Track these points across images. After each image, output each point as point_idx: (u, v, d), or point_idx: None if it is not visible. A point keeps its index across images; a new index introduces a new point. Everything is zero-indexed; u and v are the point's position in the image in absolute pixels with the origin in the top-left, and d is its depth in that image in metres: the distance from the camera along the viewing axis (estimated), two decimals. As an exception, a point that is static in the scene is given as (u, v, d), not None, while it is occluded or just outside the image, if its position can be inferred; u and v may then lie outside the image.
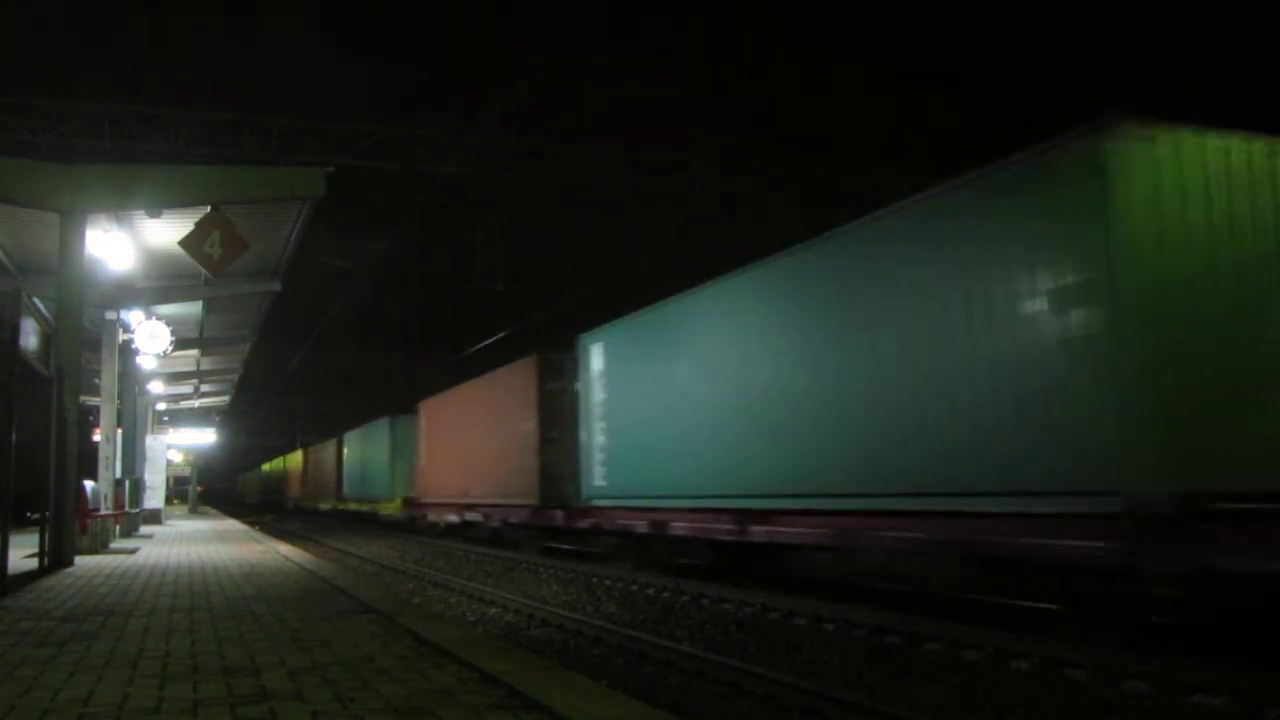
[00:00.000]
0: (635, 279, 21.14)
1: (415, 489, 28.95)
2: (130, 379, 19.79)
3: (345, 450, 42.22)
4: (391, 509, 31.95)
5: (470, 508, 22.72)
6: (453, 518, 24.46)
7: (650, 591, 12.89)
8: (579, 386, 16.53)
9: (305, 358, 40.81)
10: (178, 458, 46.72)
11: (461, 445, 23.75)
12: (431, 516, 26.75)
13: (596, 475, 15.74)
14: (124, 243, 13.19)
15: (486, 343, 30.24)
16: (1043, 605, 9.06)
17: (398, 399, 35.71)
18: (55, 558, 10.87)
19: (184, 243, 12.10)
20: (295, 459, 60.36)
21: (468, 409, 23.47)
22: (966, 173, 8.97)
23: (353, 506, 39.61)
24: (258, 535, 22.17)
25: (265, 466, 79.99)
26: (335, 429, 48.26)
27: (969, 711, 6.50)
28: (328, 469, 46.03)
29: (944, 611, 9.51)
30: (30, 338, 16.61)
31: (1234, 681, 6.23)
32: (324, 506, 47.20)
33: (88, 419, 17.79)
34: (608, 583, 14.05)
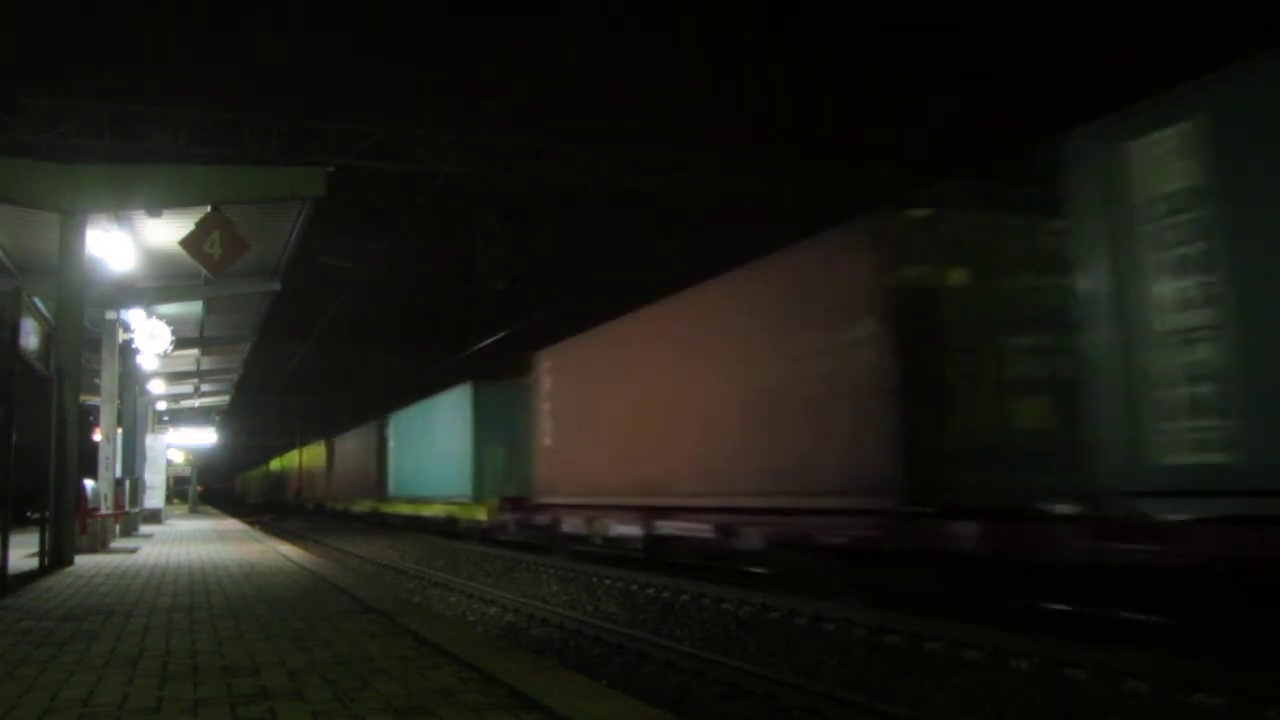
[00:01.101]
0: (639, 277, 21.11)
1: (531, 483, 18.64)
2: (130, 379, 19.79)
3: (392, 438, 33.17)
4: (478, 514, 22.88)
5: (668, 513, 13.50)
6: (625, 529, 14.77)
7: (650, 591, 12.89)
8: (1074, 250, 7.62)
9: (306, 356, 40.65)
10: (178, 457, 46.62)
11: (644, 408, 14.28)
12: (571, 526, 16.84)
13: (1185, 439, 6.53)
14: (124, 243, 13.19)
15: (486, 342, 30.24)
16: (1042, 606, 9.05)
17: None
18: (55, 557, 10.88)
19: (184, 243, 12.11)
20: (314, 454, 51.55)
21: (659, 347, 14.17)
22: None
23: (405, 510, 30.51)
24: (258, 535, 22.17)
25: (274, 463, 72.49)
26: (368, 413, 39.16)
27: (969, 711, 6.50)
28: (363, 463, 37.31)
29: (944, 611, 9.51)
30: (30, 338, 16.55)
31: (1234, 681, 6.24)
32: (359, 509, 38.40)
33: (88, 419, 17.78)
34: (608, 582, 14.04)
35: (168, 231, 13.05)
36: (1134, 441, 6.97)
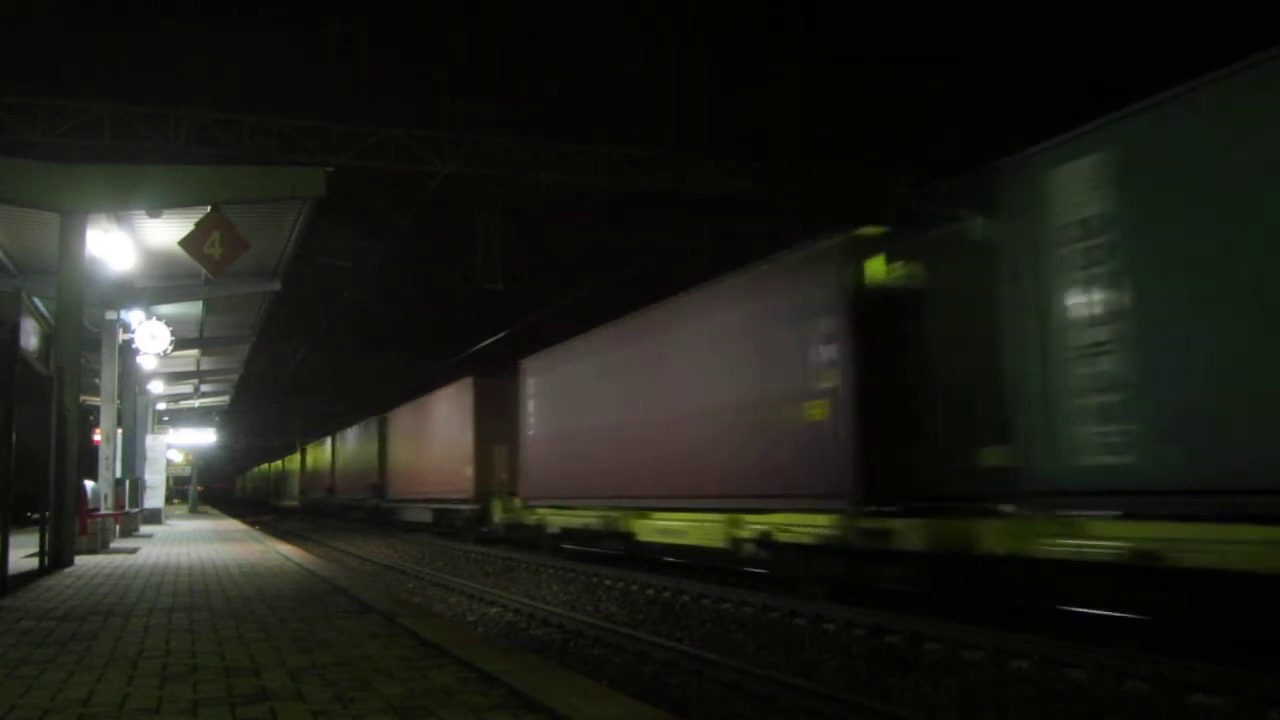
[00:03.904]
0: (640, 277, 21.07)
1: None
2: (130, 379, 19.78)
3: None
4: None
5: None
6: None
7: (650, 591, 12.89)
8: None
9: (305, 358, 40.56)
10: (178, 457, 46.53)
11: None
12: None
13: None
14: (124, 243, 13.20)
15: (487, 342, 30.22)
16: (1042, 606, 9.06)
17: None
18: (55, 558, 10.87)
19: (184, 243, 12.11)
20: (412, 437, 30.97)
21: None
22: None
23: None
24: (257, 535, 22.18)
25: (312, 452, 53.86)
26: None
27: (969, 712, 6.50)
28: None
29: (944, 611, 9.51)
30: (30, 338, 16.60)
31: (1234, 681, 6.23)
32: (672, 535, 13.89)
33: (88, 419, 17.77)
34: (608, 583, 14.04)
35: (168, 231, 13.05)
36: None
